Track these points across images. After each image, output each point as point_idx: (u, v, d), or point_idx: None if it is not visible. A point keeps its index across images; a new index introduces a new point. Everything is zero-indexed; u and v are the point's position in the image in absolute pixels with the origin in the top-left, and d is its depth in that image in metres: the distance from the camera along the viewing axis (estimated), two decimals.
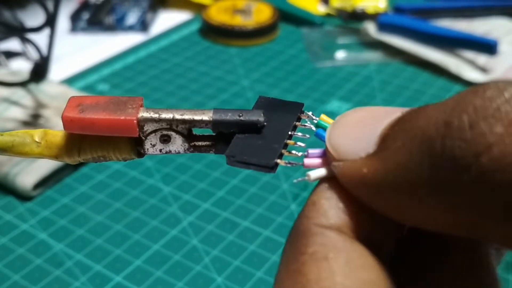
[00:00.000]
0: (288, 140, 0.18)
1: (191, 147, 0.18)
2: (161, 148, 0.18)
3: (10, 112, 0.46)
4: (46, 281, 0.34)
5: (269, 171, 0.17)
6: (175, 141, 0.18)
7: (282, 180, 0.41)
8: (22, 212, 0.39)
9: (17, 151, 0.19)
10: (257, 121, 0.18)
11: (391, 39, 0.59)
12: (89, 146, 0.18)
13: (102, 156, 0.19)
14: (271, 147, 0.17)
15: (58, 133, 0.19)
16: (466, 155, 0.12)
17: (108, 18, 0.65)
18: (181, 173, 0.42)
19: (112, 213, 0.39)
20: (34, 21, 0.56)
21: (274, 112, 0.18)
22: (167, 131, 0.18)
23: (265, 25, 0.62)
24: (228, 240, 0.37)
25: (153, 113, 0.18)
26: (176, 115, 0.18)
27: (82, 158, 0.19)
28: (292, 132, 0.18)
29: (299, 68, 0.57)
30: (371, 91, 0.53)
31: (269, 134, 0.18)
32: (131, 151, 0.18)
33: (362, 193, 0.15)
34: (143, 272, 0.34)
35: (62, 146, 0.19)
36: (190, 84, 0.54)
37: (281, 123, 0.18)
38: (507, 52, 0.56)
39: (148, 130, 0.18)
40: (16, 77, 0.49)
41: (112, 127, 0.17)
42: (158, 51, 0.60)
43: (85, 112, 0.17)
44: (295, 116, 0.18)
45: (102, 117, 0.17)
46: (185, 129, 0.18)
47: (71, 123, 0.17)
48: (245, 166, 0.17)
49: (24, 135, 0.19)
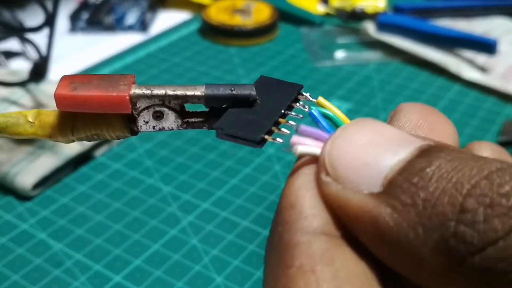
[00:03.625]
0: (280, 118, 0.17)
1: (184, 123, 0.18)
2: (154, 125, 0.18)
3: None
4: (45, 281, 0.34)
5: (256, 146, 0.17)
6: (168, 118, 0.18)
7: (281, 180, 0.41)
8: (22, 212, 0.39)
9: (11, 132, 0.19)
10: (249, 95, 0.18)
11: (391, 38, 0.59)
12: (82, 124, 0.18)
13: (95, 134, 0.19)
14: (261, 123, 0.17)
15: (51, 112, 0.19)
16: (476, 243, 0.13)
17: (108, 18, 0.65)
18: (180, 173, 0.42)
19: (112, 213, 0.39)
20: (33, 21, 0.56)
21: (272, 91, 0.18)
22: (159, 107, 0.18)
23: (264, 24, 0.62)
24: (227, 240, 0.37)
25: (145, 89, 0.18)
26: (168, 91, 0.18)
27: (76, 137, 0.19)
28: (287, 111, 0.18)
29: (298, 67, 0.57)
30: (370, 90, 0.53)
31: (262, 111, 0.17)
32: (125, 129, 0.18)
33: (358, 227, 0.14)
34: (143, 272, 0.34)
35: (56, 125, 0.18)
36: (190, 83, 0.54)
37: (276, 101, 0.18)
38: (506, 52, 0.56)
39: (141, 107, 0.18)
40: (15, 77, 0.49)
41: (105, 104, 0.17)
42: (158, 51, 0.60)
43: (78, 90, 0.17)
44: (292, 96, 0.18)
45: (95, 94, 0.17)
46: (177, 105, 0.18)
47: (64, 101, 0.17)
48: (233, 140, 0.17)
49: (18, 116, 0.19)
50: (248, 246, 0.36)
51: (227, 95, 0.18)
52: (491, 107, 0.51)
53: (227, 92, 0.18)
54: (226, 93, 0.18)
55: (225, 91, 0.18)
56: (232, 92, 0.18)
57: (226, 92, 0.18)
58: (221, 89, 0.18)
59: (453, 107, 0.51)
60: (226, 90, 0.18)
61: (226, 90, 0.18)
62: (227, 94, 0.18)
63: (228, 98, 0.18)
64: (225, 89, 0.18)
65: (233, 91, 0.18)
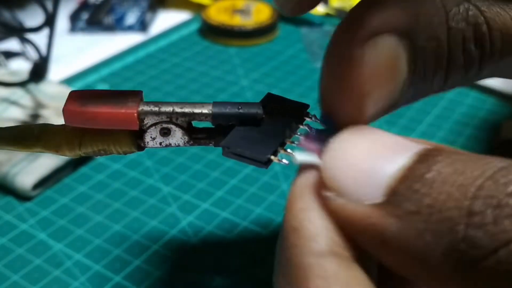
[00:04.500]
0: (287, 139, 0.17)
1: (191, 140, 0.19)
2: (161, 141, 0.18)
3: (9, 112, 0.46)
4: (45, 281, 0.34)
5: (262, 166, 0.17)
6: (175, 134, 0.18)
7: (281, 180, 0.41)
8: (22, 212, 0.39)
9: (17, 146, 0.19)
10: (256, 114, 0.18)
11: None
12: (90, 139, 0.18)
13: (102, 150, 0.19)
14: (267, 143, 0.17)
15: (59, 127, 0.19)
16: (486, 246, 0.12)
17: (107, 18, 0.65)
18: (180, 173, 0.42)
19: (112, 213, 0.39)
20: (33, 21, 0.56)
21: (278, 109, 0.18)
22: (167, 124, 0.18)
23: (264, 25, 0.62)
24: (227, 240, 0.37)
25: (153, 106, 0.18)
26: (176, 108, 0.18)
27: (83, 152, 0.19)
28: (292, 131, 0.18)
29: (298, 68, 0.57)
30: None
31: (268, 130, 0.18)
32: (132, 144, 0.19)
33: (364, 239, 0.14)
34: (143, 272, 0.34)
35: (63, 140, 0.19)
36: (190, 84, 0.54)
37: (283, 121, 0.18)
38: None
39: (148, 123, 0.18)
40: (15, 77, 0.49)
41: (113, 120, 0.18)
42: (158, 51, 0.60)
43: (86, 106, 0.17)
44: (298, 115, 0.18)
45: (103, 110, 0.17)
46: (184, 122, 0.18)
47: (72, 116, 0.18)
48: (239, 159, 0.17)
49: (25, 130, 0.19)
50: (248, 246, 0.36)
51: (234, 113, 0.18)
52: (491, 107, 0.51)
53: (234, 111, 0.18)
54: (233, 112, 0.18)
55: (232, 109, 0.18)
56: (239, 110, 0.18)
57: (233, 111, 0.18)
58: (228, 107, 0.18)
59: (453, 107, 0.51)
60: (233, 109, 0.18)
61: (233, 109, 0.18)
62: (234, 113, 0.18)
63: (235, 117, 0.18)
64: (232, 107, 0.18)
65: (240, 109, 0.18)
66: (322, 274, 0.14)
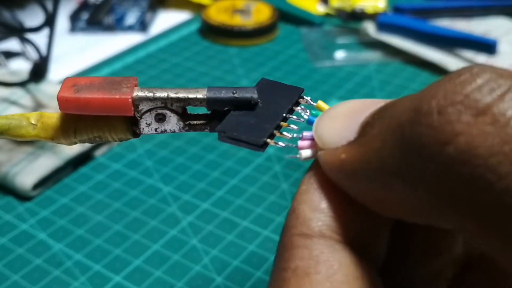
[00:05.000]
0: (282, 122, 0.18)
1: (186, 126, 0.19)
2: (157, 127, 0.18)
3: (9, 112, 0.46)
4: (45, 281, 0.34)
5: (258, 150, 0.17)
6: (170, 120, 0.18)
7: (281, 180, 0.41)
8: (22, 212, 0.39)
9: (13, 134, 0.19)
10: (251, 98, 0.18)
11: (391, 39, 0.59)
12: (85, 126, 0.18)
13: (98, 137, 0.19)
14: (263, 126, 0.17)
15: (54, 115, 0.19)
16: (432, 143, 0.12)
17: (108, 18, 0.65)
18: (180, 173, 0.42)
19: (112, 213, 0.39)
20: (33, 21, 0.56)
21: (273, 94, 0.18)
22: (162, 110, 0.18)
23: (264, 25, 0.62)
24: (227, 240, 0.37)
25: (148, 92, 0.18)
26: (170, 94, 0.18)
27: (78, 139, 0.19)
28: (288, 114, 0.18)
29: (298, 68, 0.57)
30: (370, 91, 0.53)
31: (264, 114, 0.18)
32: (127, 131, 0.19)
33: (340, 180, 0.15)
34: (143, 272, 0.34)
35: (58, 127, 0.19)
36: (190, 84, 0.54)
37: (278, 105, 0.18)
38: (506, 52, 0.56)
39: (143, 109, 0.18)
40: (15, 77, 0.49)
41: (107, 106, 0.17)
42: (158, 51, 0.60)
43: (80, 92, 0.17)
44: (293, 99, 0.18)
45: (97, 97, 0.17)
46: (179, 108, 0.18)
47: (67, 103, 0.18)
48: (235, 143, 0.17)
49: (20, 118, 0.19)
50: (248, 246, 0.36)
51: (229, 98, 0.18)
52: None
53: (229, 95, 0.18)
54: (228, 96, 0.18)
55: (227, 94, 0.18)
56: (234, 95, 0.18)
57: (228, 95, 0.18)
58: (223, 92, 0.18)
59: None
60: (228, 93, 0.18)
61: (228, 93, 0.18)
62: (229, 97, 0.18)
63: (230, 101, 0.18)
64: (227, 92, 0.18)
65: (235, 94, 0.18)
66: (304, 256, 0.14)
